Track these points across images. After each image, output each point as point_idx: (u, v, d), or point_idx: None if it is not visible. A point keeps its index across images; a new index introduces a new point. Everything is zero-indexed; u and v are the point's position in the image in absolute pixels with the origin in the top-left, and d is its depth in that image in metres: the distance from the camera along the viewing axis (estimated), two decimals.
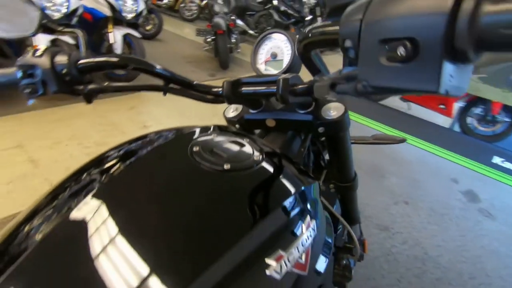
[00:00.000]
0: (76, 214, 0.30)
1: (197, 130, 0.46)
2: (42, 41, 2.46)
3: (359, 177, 0.77)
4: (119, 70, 0.48)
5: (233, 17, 4.61)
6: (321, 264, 0.41)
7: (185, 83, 0.54)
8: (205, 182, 0.36)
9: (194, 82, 0.54)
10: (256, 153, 0.43)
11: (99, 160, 0.39)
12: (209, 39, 4.56)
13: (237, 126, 0.65)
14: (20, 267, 0.26)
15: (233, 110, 0.65)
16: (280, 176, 0.42)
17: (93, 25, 3.06)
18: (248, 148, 0.44)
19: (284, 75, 0.47)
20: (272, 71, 0.64)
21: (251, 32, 5.92)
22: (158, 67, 0.51)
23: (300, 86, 0.48)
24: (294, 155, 0.60)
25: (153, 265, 0.26)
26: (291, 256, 0.34)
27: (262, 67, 0.65)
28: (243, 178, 0.38)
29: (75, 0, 2.72)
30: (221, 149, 0.41)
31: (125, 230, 0.28)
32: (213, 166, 0.38)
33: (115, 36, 3.02)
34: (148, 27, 5.34)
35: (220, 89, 0.53)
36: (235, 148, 0.43)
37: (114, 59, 0.47)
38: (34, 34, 2.20)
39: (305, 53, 0.46)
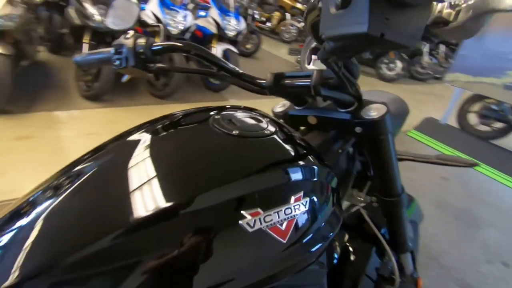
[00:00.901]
0: (124, 155, 0.40)
1: (229, 107, 0.52)
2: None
3: (444, 219, 0.70)
4: (214, 79, 0.59)
5: None
6: (310, 244, 0.42)
7: (234, 72, 0.60)
8: (213, 140, 0.42)
9: (241, 72, 0.60)
10: (270, 129, 0.47)
11: (147, 123, 0.48)
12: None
13: (281, 121, 0.69)
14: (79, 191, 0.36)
15: (280, 106, 0.69)
16: (283, 150, 0.45)
17: (202, 41, 3.60)
18: (264, 125, 0.48)
19: (320, 69, 0.50)
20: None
21: None
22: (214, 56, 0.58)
23: (334, 80, 0.49)
24: (329, 154, 0.60)
25: (163, 187, 0.34)
26: (268, 217, 0.37)
27: (310, 66, 0.73)
28: (246, 143, 0.42)
29: (191, 19, 3.28)
30: (238, 121, 0.47)
31: (153, 163, 0.38)
32: (223, 130, 0.43)
33: (217, 50, 3.48)
34: (247, 46, 5.89)
35: (265, 81, 0.57)
36: (252, 122, 0.48)
37: (180, 44, 0.57)
38: (132, 27, 2.76)
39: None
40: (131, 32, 0.60)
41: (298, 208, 0.40)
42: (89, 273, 0.30)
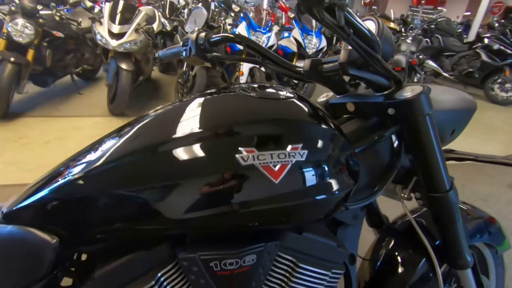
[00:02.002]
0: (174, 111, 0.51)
1: (262, 84, 0.60)
2: (244, 67, 3.37)
3: None
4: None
5: (421, 56, 4.40)
6: (308, 194, 0.46)
7: (276, 60, 0.69)
8: (235, 98, 0.52)
9: (281, 59, 0.68)
10: (287, 95, 0.53)
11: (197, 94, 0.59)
12: None
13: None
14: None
15: (323, 96, 0.73)
16: (292, 109, 0.50)
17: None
18: (283, 93, 0.54)
19: (348, 48, 0.52)
20: None
21: (445, 74, 5.30)
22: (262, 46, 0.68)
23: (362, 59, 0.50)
24: (363, 141, 0.59)
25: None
26: (261, 157, 0.43)
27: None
28: (261, 101, 0.50)
29: (273, 40, 3.57)
30: (262, 88, 0.55)
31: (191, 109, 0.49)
32: (244, 92, 0.52)
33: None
34: None
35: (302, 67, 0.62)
36: (273, 91, 0.55)
37: (232, 36, 0.68)
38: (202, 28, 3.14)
39: None
40: (196, 29, 0.78)
41: (294, 156, 0.45)
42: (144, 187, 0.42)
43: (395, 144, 0.64)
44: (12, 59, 2.64)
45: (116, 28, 2.89)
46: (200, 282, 0.47)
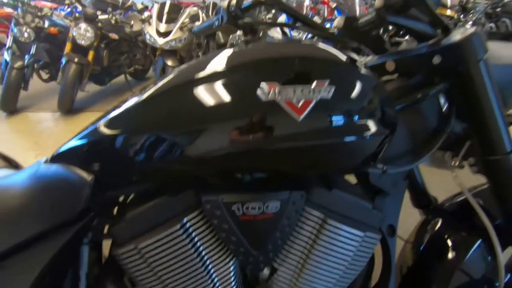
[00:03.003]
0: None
1: None
2: None
3: None
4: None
5: None
6: (333, 134, 0.44)
7: (307, 22, 0.65)
8: (261, 44, 0.54)
9: (313, 21, 0.66)
10: (314, 42, 0.54)
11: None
12: None
13: None
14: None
15: (360, 61, 0.67)
16: (319, 50, 0.48)
17: None
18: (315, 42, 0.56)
19: None
20: None
21: None
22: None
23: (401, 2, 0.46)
24: (404, 99, 0.54)
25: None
26: (284, 91, 0.42)
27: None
28: (285, 43, 0.52)
29: None
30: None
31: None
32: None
33: None
34: None
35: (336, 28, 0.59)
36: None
37: (263, 0, 0.66)
38: None
39: None
40: None
41: (319, 92, 0.42)
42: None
43: (444, 108, 0.59)
44: (76, 59, 2.98)
45: (163, 27, 3.10)
46: (223, 227, 0.49)
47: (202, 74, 0.46)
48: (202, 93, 0.45)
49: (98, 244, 0.69)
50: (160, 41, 3.06)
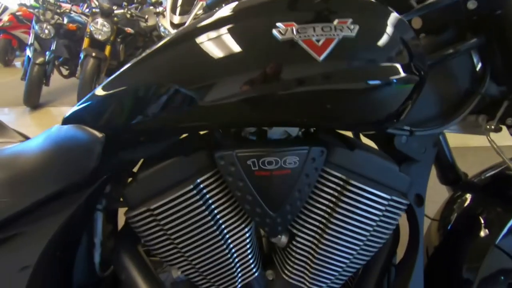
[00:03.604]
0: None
1: None
2: None
3: None
4: None
5: None
6: (352, 73, 0.40)
7: None
8: None
9: None
10: None
11: None
12: None
13: None
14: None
15: None
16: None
17: None
18: None
19: None
20: None
21: None
22: None
23: None
24: (431, 56, 0.50)
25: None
26: (302, 30, 0.39)
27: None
28: None
29: None
30: None
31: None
32: None
33: None
34: None
35: None
36: None
37: None
38: None
39: None
40: None
41: (341, 29, 0.39)
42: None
43: (478, 67, 0.55)
44: (93, 54, 3.04)
45: (176, 19, 3.11)
46: (238, 185, 0.47)
47: (213, 20, 0.44)
48: (214, 39, 0.42)
49: (113, 214, 0.69)
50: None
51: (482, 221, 0.67)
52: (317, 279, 0.54)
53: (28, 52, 3.23)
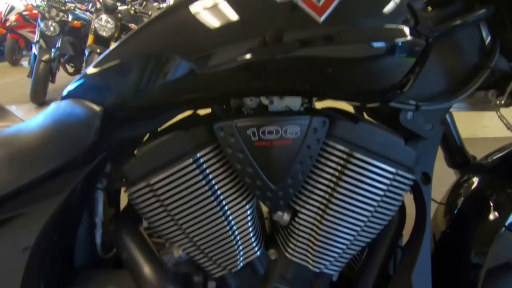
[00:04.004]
0: None
1: None
2: None
3: None
4: None
5: None
6: (354, 35, 0.39)
7: None
8: None
9: None
10: None
11: None
12: None
13: None
14: None
15: None
16: None
17: None
18: None
19: None
20: None
21: None
22: None
23: None
24: (439, 26, 0.48)
25: None
26: None
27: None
28: None
29: None
30: None
31: None
32: None
33: None
34: None
35: None
36: None
37: None
38: None
39: None
40: None
41: None
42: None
43: (487, 41, 0.53)
44: (98, 50, 3.05)
45: None
46: (238, 157, 0.46)
47: None
48: (210, 5, 0.41)
49: (116, 196, 0.69)
50: None
51: (491, 204, 0.65)
52: (320, 257, 0.52)
53: (34, 50, 3.27)
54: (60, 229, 0.54)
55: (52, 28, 3.15)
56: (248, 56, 0.40)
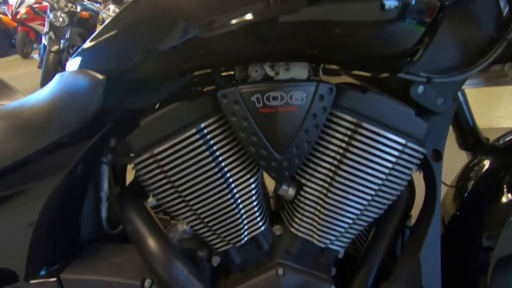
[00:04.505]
0: None
1: None
2: None
3: None
4: None
5: None
6: None
7: None
8: None
9: None
10: None
11: None
12: None
13: None
14: None
15: None
16: None
17: None
18: None
19: None
20: None
21: None
22: None
23: None
24: None
25: None
26: None
27: None
28: None
29: None
30: None
31: None
32: None
33: None
34: None
35: None
36: None
37: None
38: None
39: None
40: None
41: None
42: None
43: (505, 11, 0.51)
44: None
45: None
46: (242, 125, 0.45)
47: None
48: None
49: (122, 173, 0.69)
50: None
51: (504, 185, 0.62)
52: (326, 231, 0.52)
53: (44, 41, 3.30)
54: (65, 204, 0.55)
55: (61, 19, 3.17)
56: (252, 18, 0.39)
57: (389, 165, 0.48)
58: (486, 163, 0.69)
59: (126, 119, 0.54)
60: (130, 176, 0.62)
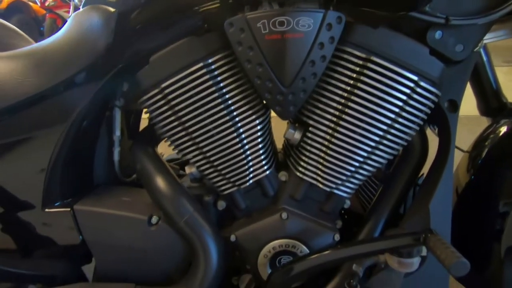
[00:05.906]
0: None
1: None
2: None
3: None
4: None
5: None
6: None
7: None
8: None
9: None
10: None
11: None
12: None
13: None
14: None
15: None
16: None
17: None
18: None
19: None
20: None
21: None
22: None
23: None
24: None
25: None
26: None
27: None
28: None
29: None
30: None
31: None
32: None
33: None
34: None
35: None
36: None
37: None
38: None
39: None
40: None
41: None
42: None
43: None
44: None
45: None
46: (248, 54, 0.45)
47: None
48: None
49: (134, 124, 0.71)
50: None
51: None
52: (331, 174, 0.51)
53: None
54: (78, 144, 0.57)
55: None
56: None
57: (400, 103, 0.47)
58: (503, 129, 0.65)
59: (137, 61, 0.56)
60: (143, 124, 0.64)
